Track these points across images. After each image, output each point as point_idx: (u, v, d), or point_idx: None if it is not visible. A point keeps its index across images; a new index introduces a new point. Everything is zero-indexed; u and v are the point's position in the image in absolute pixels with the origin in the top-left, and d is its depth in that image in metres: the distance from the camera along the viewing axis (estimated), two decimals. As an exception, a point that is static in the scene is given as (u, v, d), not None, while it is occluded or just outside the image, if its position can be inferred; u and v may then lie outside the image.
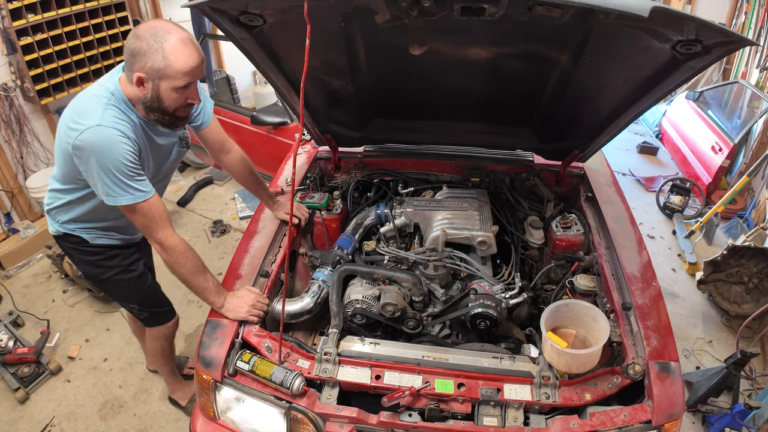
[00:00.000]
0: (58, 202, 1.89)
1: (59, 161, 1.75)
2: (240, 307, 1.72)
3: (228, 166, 2.15)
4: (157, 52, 1.50)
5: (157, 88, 1.57)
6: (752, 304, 3.25)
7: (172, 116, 1.66)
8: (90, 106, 1.58)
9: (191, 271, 1.74)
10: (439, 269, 2.00)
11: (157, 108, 1.62)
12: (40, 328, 3.20)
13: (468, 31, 1.60)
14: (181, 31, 1.54)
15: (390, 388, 1.56)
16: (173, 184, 4.94)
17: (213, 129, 2.02)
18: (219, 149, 2.09)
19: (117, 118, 1.58)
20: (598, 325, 1.65)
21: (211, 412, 1.67)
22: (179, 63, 1.52)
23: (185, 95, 1.61)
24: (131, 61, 1.54)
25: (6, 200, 3.93)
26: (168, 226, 1.70)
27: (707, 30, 1.23)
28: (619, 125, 1.94)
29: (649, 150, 5.60)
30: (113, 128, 1.55)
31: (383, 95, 2.13)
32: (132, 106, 1.65)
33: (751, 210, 4.18)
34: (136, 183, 1.61)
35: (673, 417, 1.48)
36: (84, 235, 1.95)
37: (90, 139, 1.53)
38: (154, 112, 1.63)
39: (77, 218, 1.91)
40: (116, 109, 1.60)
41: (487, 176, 2.50)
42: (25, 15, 3.54)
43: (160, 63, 1.51)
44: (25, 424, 2.69)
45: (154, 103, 1.60)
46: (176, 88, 1.57)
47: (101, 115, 1.55)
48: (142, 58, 1.51)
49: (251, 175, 2.17)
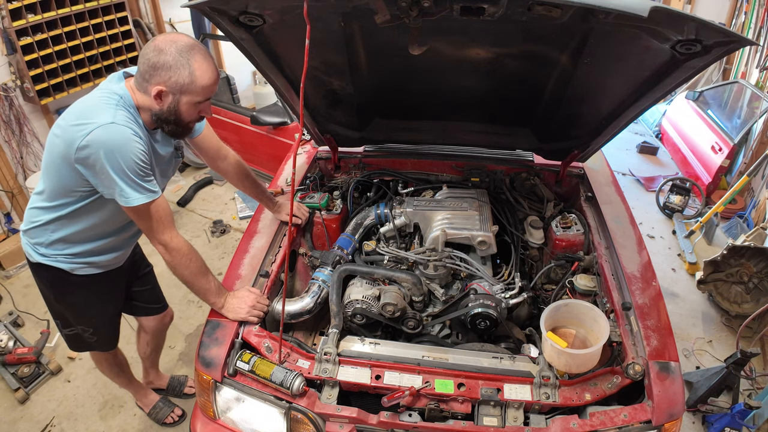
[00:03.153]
0: (42, 221, 1.75)
1: (49, 174, 1.66)
2: (240, 308, 1.72)
3: (225, 173, 2.13)
4: (183, 68, 1.50)
5: (177, 102, 1.57)
6: (752, 304, 3.25)
7: (184, 128, 1.68)
8: (98, 107, 1.55)
9: (194, 272, 1.73)
10: (439, 269, 2.00)
11: (173, 121, 1.62)
12: (40, 328, 3.20)
13: (468, 31, 1.60)
14: (201, 47, 1.56)
15: (390, 388, 1.56)
16: (173, 184, 4.94)
17: (207, 136, 1.99)
18: (215, 156, 2.06)
19: (129, 119, 1.56)
20: (598, 325, 1.65)
21: (211, 412, 1.67)
22: (204, 80, 1.54)
23: (199, 108, 1.64)
24: (152, 73, 1.52)
25: (6, 200, 3.93)
26: (173, 228, 1.70)
27: (707, 30, 1.23)
28: (619, 125, 1.94)
29: (649, 150, 5.60)
30: (127, 127, 1.53)
31: (383, 95, 2.13)
32: (138, 113, 1.63)
33: (751, 210, 4.18)
34: (147, 183, 1.59)
35: (673, 417, 1.48)
36: (64, 266, 1.82)
37: (101, 137, 1.48)
38: (168, 124, 1.63)
39: (64, 239, 1.78)
40: (127, 112, 1.57)
41: (487, 176, 2.50)
42: (25, 15, 3.54)
43: (186, 79, 1.52)
44: (25, 424, 2.69)
45: (170, 116, 1.60)
46: (196, 103, 1.59)
47: (113, 114, 1.52)
48: (167, 72, 1.51)
49: (249, 180, 2.15)
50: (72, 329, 2.08)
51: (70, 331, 2.10)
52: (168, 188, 4.85)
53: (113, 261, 1.95)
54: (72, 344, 2.19)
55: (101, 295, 2.02)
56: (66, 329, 2.10)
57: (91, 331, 2.10)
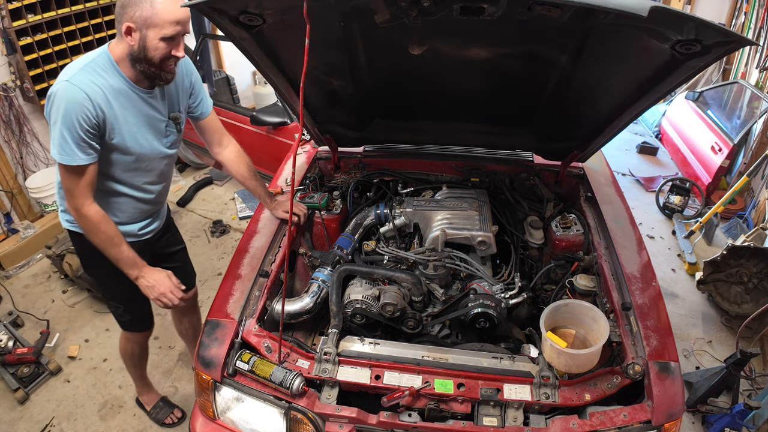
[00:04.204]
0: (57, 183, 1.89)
1: None
2: (152, 287, 1.86)
3: (226, 160, 2.17)
4: (145, 2, 1.56)
5: (144, 38, 1.61)
6: (752, 304, 3.25)
7: (157, 68, 1.69)
8: (71, 66, 1.66)
9: (104, 241, 1.80)
10: (438, 269, 2.00)
11: (143, 58, 1.65)
12: (39, 328, 3.20)
13: (468, 31, 1.60)
14: None
15: (390, 388, 1.56)
16: (173, 184, 4.94)
17: (211, 120, 2.08)
18: (217, 142, 2.13)
19: (91, 81, 1.64)
20: (598, 325, 1.65)
21: (211, 412, 1.67)
22: (167, 12, 1.58)
23: (171, 47, 1.65)
24: (121, 12, 1.60)
25: (6, 200, 3.93)
26: (88, 197, 1.74)
27: (706, 30, 1.23)
28: (618, 125, 1.94)
29: (649, 150, 5.60)
30: (80, 88, 1.60)
31: (383, 95, 2.13)
32: (118, 68, 1.69)
33: (751, 210, 4.18)
34: (77, 147, 1.64)
35: (672, 417, 1.48)
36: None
37: (55, 92, 1.61)
38: (140, 62, 1.67)
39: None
40: (94, 72, 1.65)
41: (487, 176, 2.51)
42: (25, 15, 3.54)
43: (148, 11, 1.57)
44: (24, 424, 2.69)
45: (140, 54, 1.64)
46: (163, 37, 1.61)
47: (74, 74, 1.62)
48: (132, 8, 1.58)
49: (249, 171, 2.18)
50: (109, 305, 2.24)
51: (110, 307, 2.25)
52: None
53: (131, 232, 2.00)
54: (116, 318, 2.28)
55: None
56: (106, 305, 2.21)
57: (122, 309, 2.19)
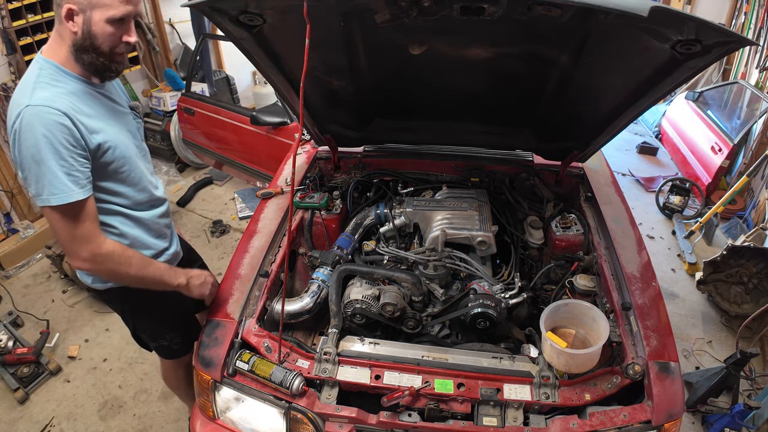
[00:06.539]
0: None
1: None
2: (204, 283, 1.76)
3: None
4: None
5: (89, 22, 1.37)
6: (752, 304, 3.25)
7: (107, 57, 1.44)
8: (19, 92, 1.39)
9: (138, 267, 1.56)
10: (438, 269, 2.00)
11: (89, 46, 1.40)
12: (39, 328, 3.20)
13: (468, 31, 1.60)
14: None
15: (390, 388, 1.56)
16: (173, 184, 4.94)
17: None
18: None
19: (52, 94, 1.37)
20: (598, 325, 1.65)
21: (211, 412, 1.67)
22: None
23: (121, 31, 1.42)
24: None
25: (6, 200, 3.93)
26: (99, 234, 1.46)
27: (707, 30, 1.23)
28: (618, 125, 1.94)
29: (649, 150, 5.60)
30: (47, 107, 1.33)
31: (383, 95, 2.13)
32: (68, 71, 1.44)
33: (751, 210, 4.18)
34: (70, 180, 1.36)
35: (672, 417, 1.48)
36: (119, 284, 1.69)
37: (22, 123, 1.33)
38: (86, 52, 1.41)
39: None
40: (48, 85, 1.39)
41: (487, 176, 2.51)
42: (25, 15, 3.55)
43: None
44: (24, 424, 2.69)
45: (86, 41, 1.39)
46: (111, 19, 1.37)
47: (30, 96, 1.35)
48: None
49: None
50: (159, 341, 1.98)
51: (159, 344, 1.99)
52: (168, 188, 4.85)
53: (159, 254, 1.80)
54: (164, 353, 2.08)
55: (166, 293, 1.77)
56: (154, 342, 1.99)
57: (179, 337, 1.99)
